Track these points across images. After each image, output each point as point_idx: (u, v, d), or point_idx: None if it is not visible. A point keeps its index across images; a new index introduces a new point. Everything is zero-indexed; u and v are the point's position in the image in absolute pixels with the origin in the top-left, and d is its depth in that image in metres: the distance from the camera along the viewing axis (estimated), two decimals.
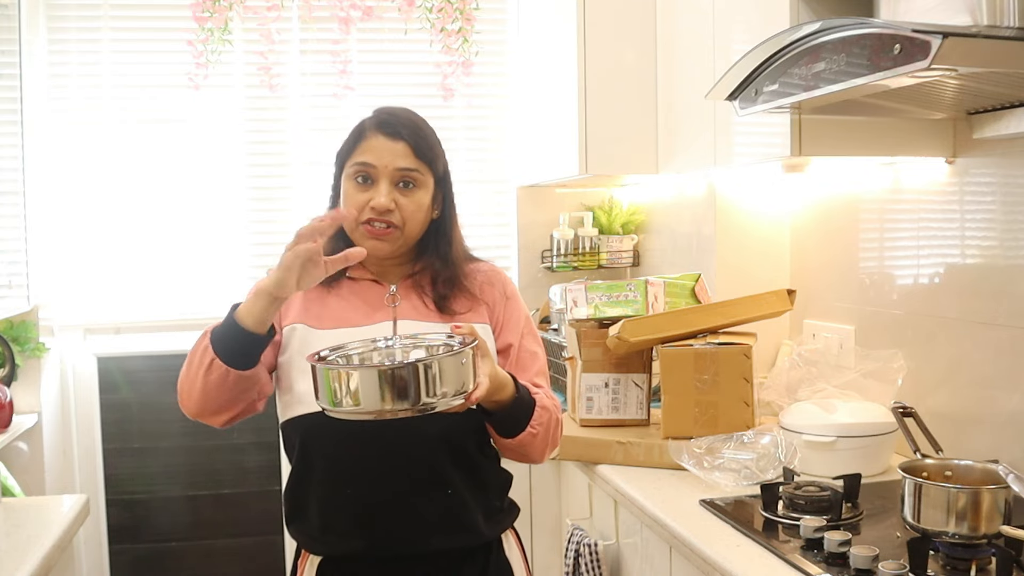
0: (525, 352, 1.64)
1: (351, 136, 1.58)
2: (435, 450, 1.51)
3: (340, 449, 1.49)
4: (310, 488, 1.53)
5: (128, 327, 3.13)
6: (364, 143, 1.55)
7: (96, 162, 3.08)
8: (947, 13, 1.47)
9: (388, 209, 1.52)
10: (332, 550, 1.53)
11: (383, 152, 1.53)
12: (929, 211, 2.03)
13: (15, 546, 1.69)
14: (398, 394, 1.26)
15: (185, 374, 1.48)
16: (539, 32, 3.10)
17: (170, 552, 3.28)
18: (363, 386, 1.26)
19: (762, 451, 1.91)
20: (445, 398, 1.28)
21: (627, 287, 2.33)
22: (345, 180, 1.57)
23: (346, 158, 1.57)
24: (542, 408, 1.54)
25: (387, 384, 1.25)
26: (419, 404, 1.26)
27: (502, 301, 1.65)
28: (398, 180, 1.54)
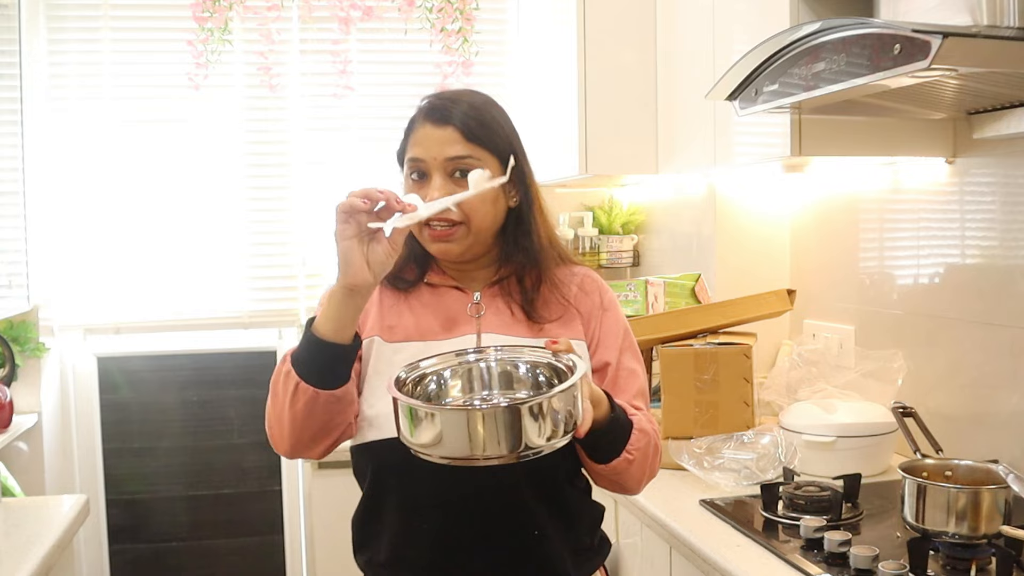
0: (624, 371, 1.43)
1: (406, 130, 1.40)
2: (519, 482, 1.31)
3: (415, 480, 1.31)
4: (381, 518, 1.37)
5: (128, 327, 3.13)
6: (413, 135, 1.37)
7: (96, 162, 3.08)
8: (947, 13, 1.47)
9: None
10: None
11: (431, 142, 1.34)
12: (929, 211, 2.03)
13: (15, 546, 1.69)
14: (498, 440, 1.06)
15: (271, 408, 1.29)
16: (539, 32, 3.10)
17: (170, 552, 3.28)
18: (453, 430, 1.07)
19: (762, 451, 1.91)
20: (552, 439, 1.09)
21: (627, 287, 2.33)
22: (406, 179, 1.38)
23: (403, 154, 1.39)
24: (640, 431, 1.34)
25: (484, 427, 1.06)
26: (519, 450, 1.07)
27: (599, 313, 1.44)
28: (452, 171, 1.34)
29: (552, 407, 1.07)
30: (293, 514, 3.30)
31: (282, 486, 3.31)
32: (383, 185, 1.20)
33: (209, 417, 3.29)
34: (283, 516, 3.31)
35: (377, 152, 3.25)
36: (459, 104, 1.37)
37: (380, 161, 3.24)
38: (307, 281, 3.24)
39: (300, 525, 3.26)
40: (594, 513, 1.46)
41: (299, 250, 3.22)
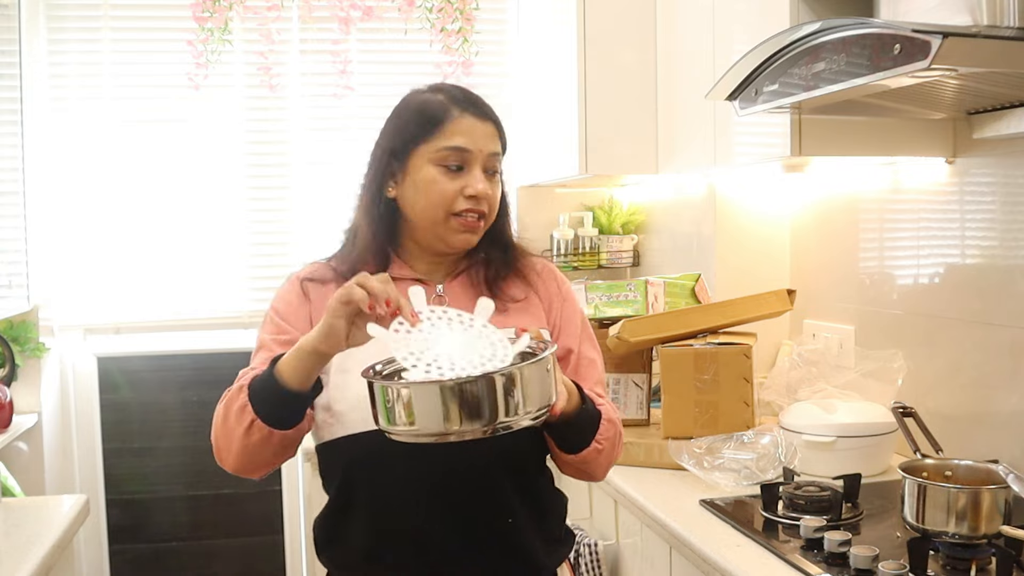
0: (584, 359, 1.46)
1: (422, 116, 1.37)
2: (494, 471, 1.33)
3: (387, 473, 1.31)
4: (352, 515, 1.36)
5: (128, 327, 3.13)
6: (451, 124, 1.35)
7: (96, 162, 3.08)
8: (947, 13, 1.47)
9: (486, 196, 1.36)
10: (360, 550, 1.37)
11: (477, 135, 1.35)
12: (929, 211, 2.03)
13: (15, 546, 1.69)
14: (469, 413, 1.05)
15: (221, 431, 1.29)
16: (539, 32, 3.10)
17: (170, 552, 3.28)
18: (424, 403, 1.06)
19: (762, 451, 1.91)
20: (527, 416, 1.08)
21: (627, 287, 2.33)
22: (426, 166, 1.36)
23: (421, 141, 1.36)
24: (608, 421, 1.36)
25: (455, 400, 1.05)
26: (495, 423, 1.06)
27: (559, 302, 1.48)
28: (488, 166, 1.37)
29: (524, 379, 1.06)
30: (293, 514, 3.30)
31: (282, 486, 3.31)
32: (392, 289, 1.17)
33: (209, 417, 3.22)
34: (283, 516, 3.31)
35: None
36: (487, 102, 1.41)
37: None
38: None
39: (300, 525, 3.26)
40: (562, 504, 1.48)
41: (299, 250, 3.22)
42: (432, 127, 1.36)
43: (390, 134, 1.41)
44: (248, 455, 1.28)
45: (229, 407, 1.28)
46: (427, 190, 1.36)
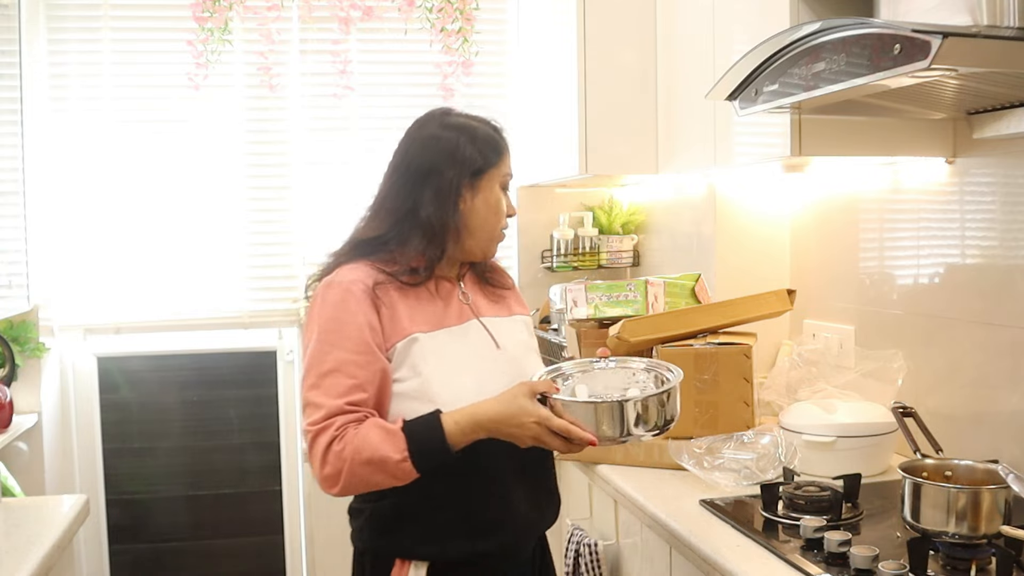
0: None
1: (491, 145, 1.61)
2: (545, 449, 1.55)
3: (484, 455, 1.48)
4: (451, 491, 1.50)
5: (128, 327, 3.13)
6: (507, 154, 1.64)
7: (96, 162, 3.08)
8: (947, 13, 1.47)
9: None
10: (458, 553, 1.51)
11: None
12: (929, 211, 2.03)
13: (15, 546, 1.69)
14: (652, 420, 1.45)
15: (362, 478, 1.41)
16: (539, 32, 3.10)
17: (170, 552, 3.28)
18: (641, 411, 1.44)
19: (762, 451, 1.91)
20: (669, 423, 1.48)
21: (627, 287, 2.33)
22: (496, 189, 1.61)
23: (492, 166, 1.60)
24: None
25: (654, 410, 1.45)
26: (663, 428, 1.47)
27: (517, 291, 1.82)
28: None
29: (671, 397, 1.46)
30: (293, 514, 3.30)
31: (282, 486, 3.31)
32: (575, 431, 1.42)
33: (209, 417, 3.29)
34: (283, 516, 3.31)
35: (377, 152, 3.25)
36: None
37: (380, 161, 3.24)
38: (307, 281, 3.23)
39: (300, 525, 3.26)
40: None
41: (299, 250, 3.22)
42: (498, 156, 1.61)
43: (462, 157, 1.58)
44: (369, 488, 1.46)
45: (385, 461, 1.39)
46: (496, 209, 1.62)
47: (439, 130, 1.60)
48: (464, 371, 1.53)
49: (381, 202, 1.62)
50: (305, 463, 2.66)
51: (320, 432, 1.41)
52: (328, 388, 1.44)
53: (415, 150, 1.60)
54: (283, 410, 3.31)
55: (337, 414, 1.42)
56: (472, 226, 1.59)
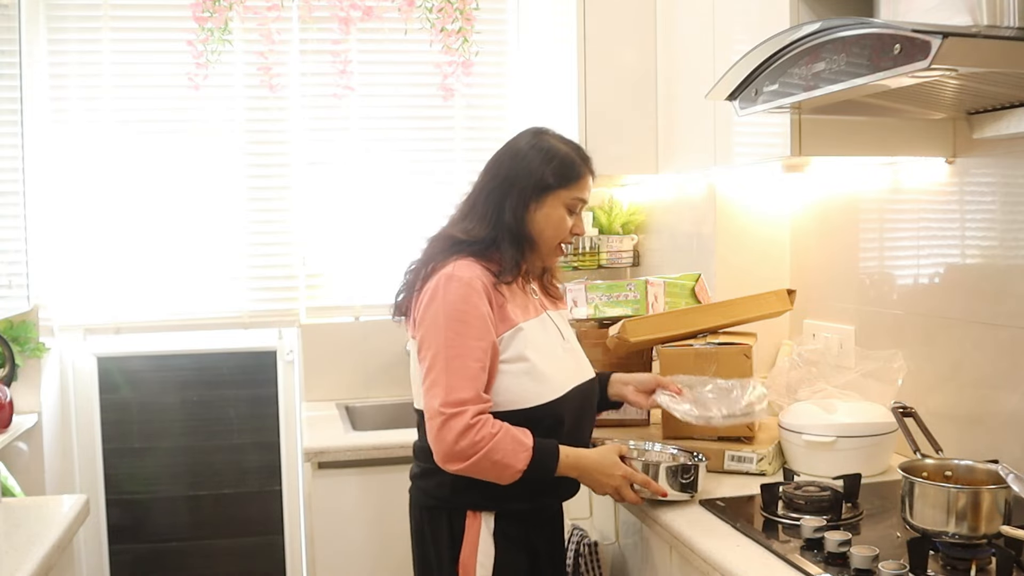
0: None
1: (570, 169, 1.78)
2: (596, 412, 1.95)
3: (575, 416, 1.79)
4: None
5: (128, 327, 3.13)
6: (583, 181, 1.80)
7: (96, 162, 3.08)
8: (947, 13, 1.47)
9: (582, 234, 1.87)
10: (530, 505, 1.75)
11: (590, 192, 1.83)
12: (929, 211, 2.03)
13: (15, 546, 1.69)
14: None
15: (483, 473, 1.65)
16: (539, 32, 3.10)
17: (170, 552, 3.29)
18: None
19: (732, 387, 1.91)
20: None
21: (627, 287, 2.33)
22: (560, 207, 1.78)
23: (562, 187, 1.77)
24: None
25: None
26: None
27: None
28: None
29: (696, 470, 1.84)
30: (293, 514, 3.30)
31: (282, 486, 3.31)
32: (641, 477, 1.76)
33: (209, 417, 3.30)
34: (283, 516, 3.31)
35: (377, 152, 3.25)
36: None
37: (380, 161, 3.25)
38: (307, 281, 3.24)
39: (300, 525, 3.26)
40: None
41: (299, 250, 3.22)
42: (572, 180, 1.78)
43: (538, 173, 1.76)
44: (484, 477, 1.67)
45: (502, 469, 1.65)
46: (557, 225, 1.79)
47: (527, 147, 1.79)
48: (555, 355, 1.79)
49: (473, 204, 1.80)
50: (305, 463, 2.66)
51: (457, 415, 1.62)
52: (459, 371, 1.65)
53: (506, 161, 1.80)
54: (283, 410, 3.31)
55: (472, 403, 1.63)
56: (532, 236, 1.78)
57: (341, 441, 2.67)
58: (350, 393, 3.20)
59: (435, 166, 3.29)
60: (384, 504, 2.63)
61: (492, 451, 1.63)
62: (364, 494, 2.63)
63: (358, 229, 3.24)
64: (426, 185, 3.28)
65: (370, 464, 2.62)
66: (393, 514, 2.52)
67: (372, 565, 2.64)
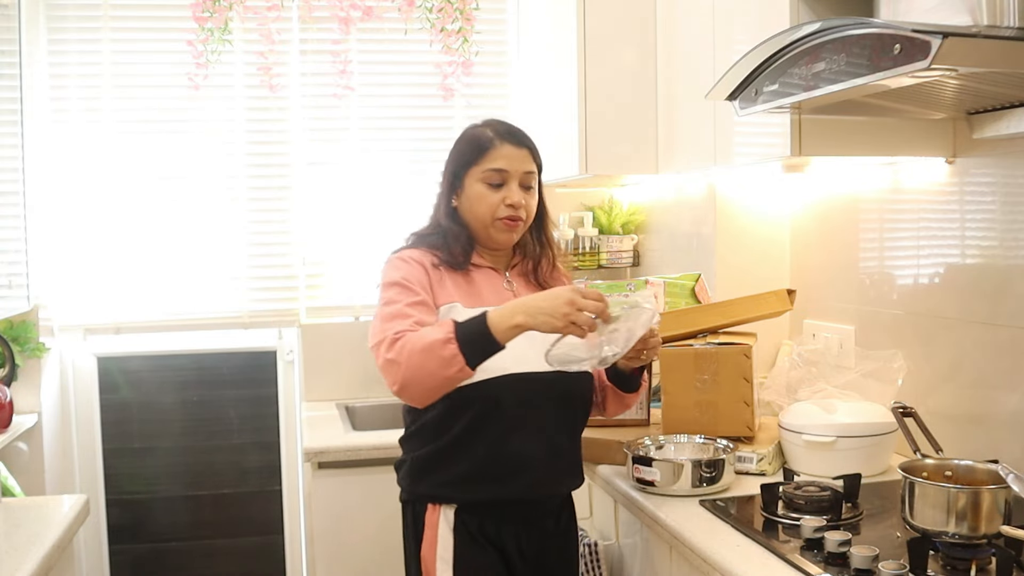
0: None
1: (473, 146, 1.81)
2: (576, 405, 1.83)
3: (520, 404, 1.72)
4: (475, 439, 1.71)
5: (128, 327, 3.13)
6: (493, 151, 1.79)
7: (96, 162, 3.08)
8: (947, 13, 1.47)
9: (521, 204, 1.79)
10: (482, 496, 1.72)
11: (513, 158, 1.79)
12: (929, 211, 2.03)
13: (15, 546, 1.69)
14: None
15: (418, 365, 1.59)
16: (539, 32, 3.10)
17: (170, 552, 3.28)
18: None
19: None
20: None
21: (627, 287, 2.33)
22: (475, 184, 1.80)
23: (472, 164, 1.80)
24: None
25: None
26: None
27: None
28: (523, 182, 1.81)
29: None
30: (293, 514, 3.30)
31: (282, 486, 3.31)
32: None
33: (209, 417, 3.30)
34: (283, 516, 3.31)
35: (377, 152, 3.25)
36: (525, 134, 1.86)
37: (380, 161, 3.25)
38: (307, 281, 3.24)
39: (300, 525, 3.26)
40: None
41: (299, 250, 3.22)
42: (479, 154, 1.80)
43: (452, 160, 1.85)
44: (439, 391, 1.62)
45: (432, 352, 1.56)
46: (479, 201, 1.80)
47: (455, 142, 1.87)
48: None
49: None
50: (305, 463, 2.67)
51: (383, 340, 1.63)
52: (388, 315, 1.68)
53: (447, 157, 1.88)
54: (283, 410, 3.31)
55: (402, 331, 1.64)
56: (467, 220, 1.82)
57: (341, 441, 2.67)
58: (350, 393, 3.20)
59: (435, 166, 3.28)
60: (384, 504, 2.62)
61: (415, 344, 1.58)
62: (364, 494, 2.63)
63: (358, 229, 3.24)
64: (426, 185, 3.27)
65: (370, 464, 2.62)
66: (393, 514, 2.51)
67: (372, 565, 2.64)
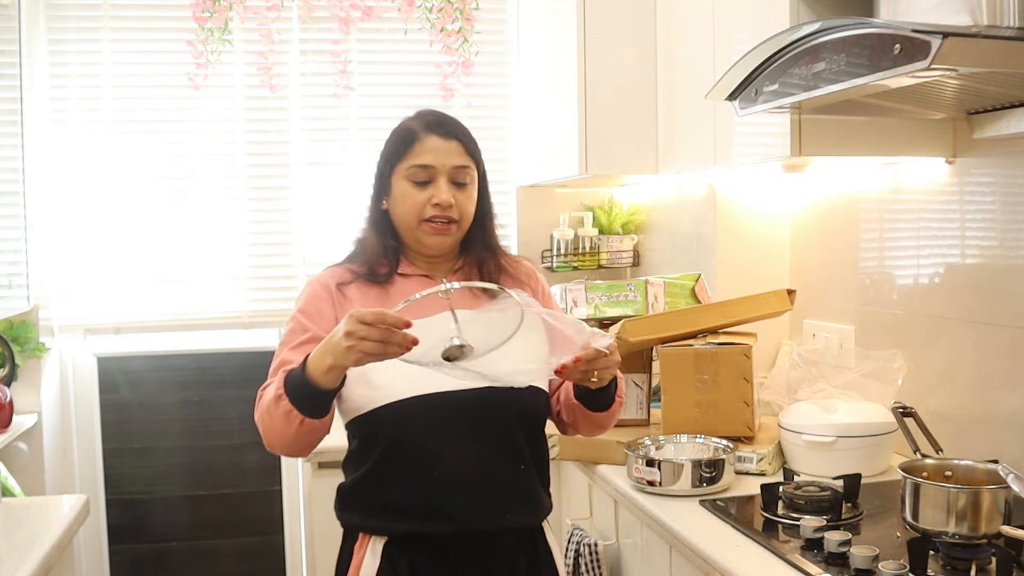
0: None
1: (398, 140, 1.62)
2: (512, 426, 1.57)
3: (431, 430, 1.52)
4: (392, 471, 1.54)
5: (128, 327, 3.13)
6: (418, 145, 1.60)
7: (96, 162, 3.08)
8: (947, 13, 1.47)
9: (450, 204, 1.59)
10: (405, 529, 1.54)
11: (440, 152, 1.60)
12: (929, 211, 2.03)
13: (15, 546, 1.69)
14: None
15: (269, 426, 1.51)
16: (539, 32, 3.10)
17: (170, 552, 3.28)
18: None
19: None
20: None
21: (627, 287, 2.34)
22: (400, 182, 1.61)
23: (397, 161, 1.61)
24: (620, 377, 1.62)
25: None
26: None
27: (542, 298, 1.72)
28: (454, 178, 1.60)
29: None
30: (293, 514, 3.30)
31: (282, 486, 3.31)
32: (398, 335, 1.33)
33: (209, 417, 3.29)
34: (283, 516, 3.31)
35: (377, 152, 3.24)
36: (455, 124, 1.64)
37: None
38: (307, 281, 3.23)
39: (300, 525, 3.26)
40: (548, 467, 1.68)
41: (299, 250, 3.22)
42: (404, 148, 1.60)
43: (381, 157, 1.66)
44: (298, 442, 1.50)
45: (272, 408, 1.47)
46: (403, 202, 1.60)
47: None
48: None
49: None
50: (305, 463, 2.67)
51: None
52: (290, 359, 1.55)
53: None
54: None
55: (263, 388, 1.55)
56: (396, 223, 1.64)
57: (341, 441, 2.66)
58: None
59: None
60: None
61: (263, 400, 1.51)
62: None
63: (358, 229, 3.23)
64: None
65: None
66: None
67: None
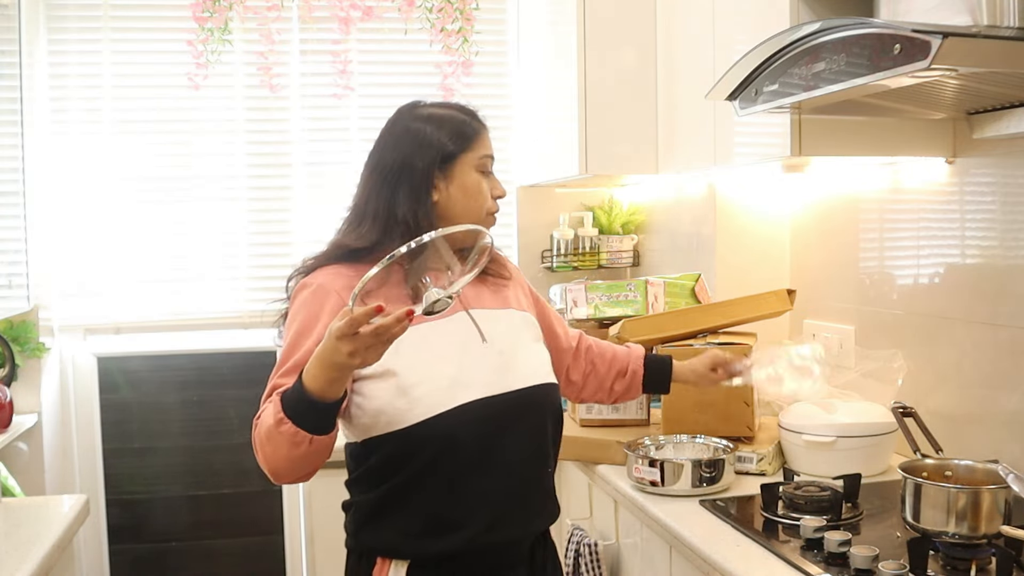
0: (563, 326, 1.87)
1: (461, 132, 1.56)
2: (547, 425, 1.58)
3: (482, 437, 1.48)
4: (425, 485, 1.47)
5: (128, 327, 3.13)
6: (482, 136, 1.60)
7: (96, 162, 3.08)
8: (947, 13, 1.47)
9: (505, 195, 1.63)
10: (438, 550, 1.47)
11: (492, 145, 1.62)
12: (929, 211, 2.03)
13: (15, 546, 1.69)
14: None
15: (272, 454, 1.39)
16: (539, 32, 3.10)
17: (170, 552, 3.28)
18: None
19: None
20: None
21: (627, 287, 2.33)
22: (471, 173, 1.56)
23: (462, 151, 1.55)
24: None
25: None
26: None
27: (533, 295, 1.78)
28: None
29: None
30: (293, 514, 3.30)
31: (282, 486, 3.31)
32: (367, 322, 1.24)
33: (209, 417, 3.29)
34: (283, 516, 3.31)
35: None
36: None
37: None
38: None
39: (300, 525, 3.26)
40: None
41: (299, 250, 3.22)
42: (469, 139, 1.57)
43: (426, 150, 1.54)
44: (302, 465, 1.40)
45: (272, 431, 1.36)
46: (475, 191, 1.57)
47: (408, 124, 1.57)
48: (442, 361, 1.48)
49: (363, 207, 1.57)
50: None
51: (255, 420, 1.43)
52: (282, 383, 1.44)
53: (388, 148, 1.57)
54: None
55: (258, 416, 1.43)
56: (453, 215, 1.54)
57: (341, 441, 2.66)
58: None
59: None
60: None
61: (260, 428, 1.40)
62: None
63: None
64: None
65: None
66: None
67: None
